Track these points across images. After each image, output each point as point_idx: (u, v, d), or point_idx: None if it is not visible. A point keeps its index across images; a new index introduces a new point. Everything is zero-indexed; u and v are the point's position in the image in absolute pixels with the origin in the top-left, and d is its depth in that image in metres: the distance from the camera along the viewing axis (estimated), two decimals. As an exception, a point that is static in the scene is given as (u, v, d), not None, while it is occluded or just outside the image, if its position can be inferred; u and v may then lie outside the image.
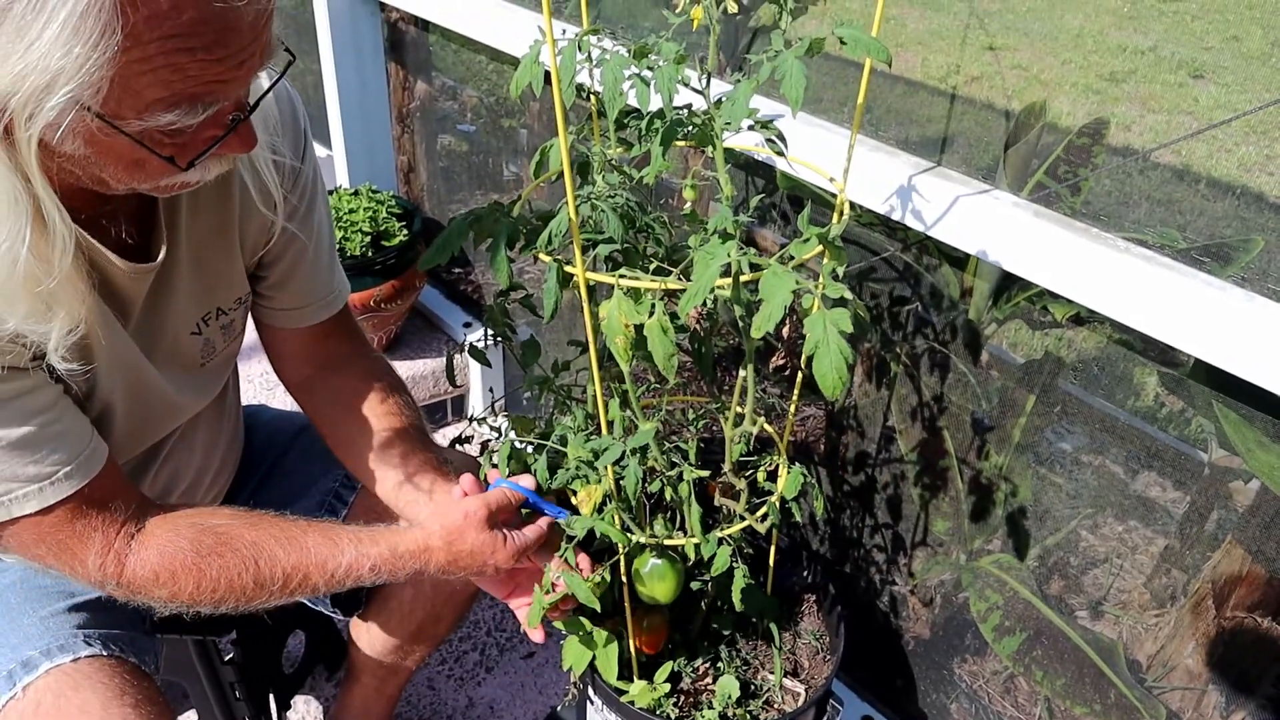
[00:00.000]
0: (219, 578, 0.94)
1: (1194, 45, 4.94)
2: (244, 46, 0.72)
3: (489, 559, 1.03)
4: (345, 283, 1.21)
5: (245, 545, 0.96)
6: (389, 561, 1.01)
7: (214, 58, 0.70)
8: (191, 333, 1.04)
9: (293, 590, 0.98)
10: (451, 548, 1.02)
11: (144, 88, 0.69)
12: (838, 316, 0.70)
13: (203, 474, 1.18)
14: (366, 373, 1.17)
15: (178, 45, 0.67)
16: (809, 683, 1.31)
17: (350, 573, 0.99)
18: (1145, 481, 1.27)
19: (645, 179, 0.97)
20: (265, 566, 0.96)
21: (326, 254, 1.15)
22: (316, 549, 0.98)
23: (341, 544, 1.00)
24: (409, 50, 2.24)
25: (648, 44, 0.85)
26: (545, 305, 0.87)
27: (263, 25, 0.73)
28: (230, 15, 0.69)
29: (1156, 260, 1.01)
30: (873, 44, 0.79)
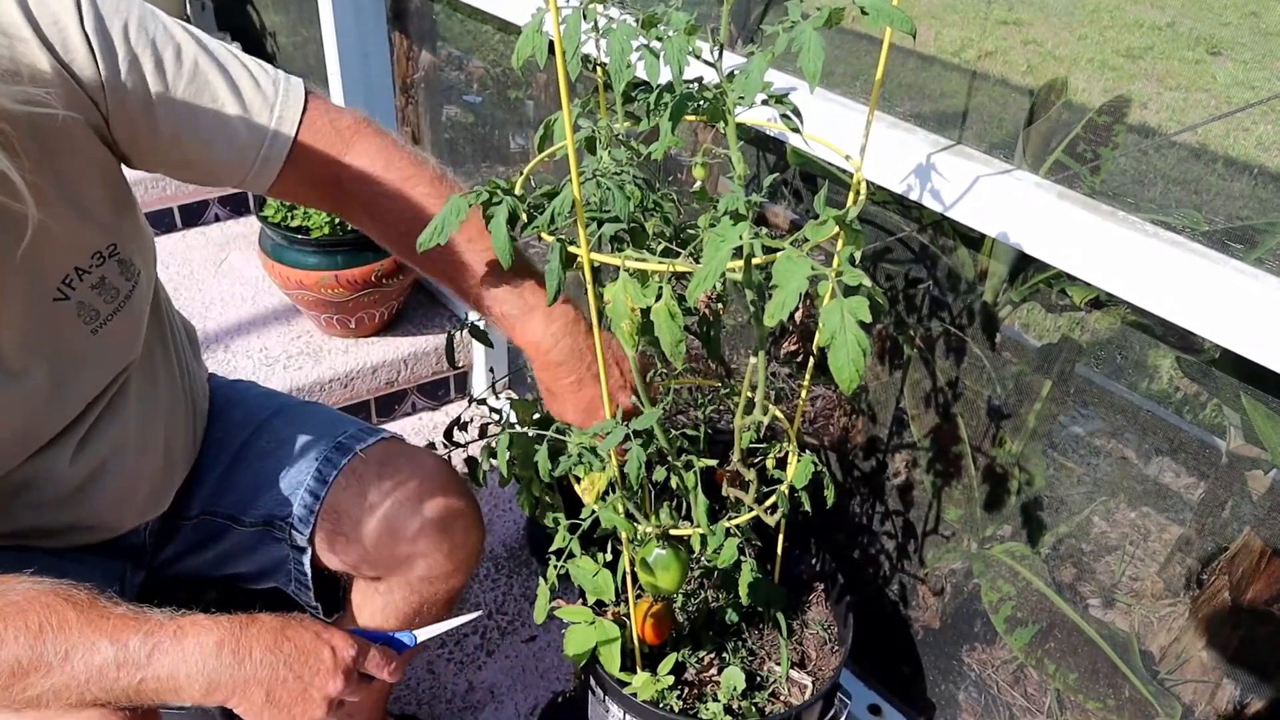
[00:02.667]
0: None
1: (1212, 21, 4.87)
2: None
3: (314, 678, 0.91)
4: (283, 104, 1.00)
5: (35, 608, 0.84)
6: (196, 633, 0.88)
7: None
8: (55, 299, 0.93)
9: (76, 668, 0.84)
10: (283, 628, 0.91)
11: None
12: (855, 305, 0.66)
13: (146, 445, 1.10)
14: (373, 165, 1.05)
15: None
16: (816, 674, 1.28)
17: (148, 654, 0.85)
18: (1159, 468, 1.24)
19: (653, 155, 0.93)
20: (50, 636, 0.83)
21: (231, 117, 0.97)
22: (118, 619, 0.86)
23: (143, 622, 0.87)
24: (413, 19, 2.19)
25: (656, 13, 0.81)
26: (548, 287, 0.83)
27: None
28: None
29: (1185, 245, 0.97)
30: (896, 14, 0.75)
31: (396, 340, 2.19)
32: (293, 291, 2.08)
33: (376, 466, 1.17)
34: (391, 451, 1.19)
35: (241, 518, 1.19)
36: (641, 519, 1.08)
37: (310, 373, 2.07)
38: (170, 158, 0.98)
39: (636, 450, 0.92)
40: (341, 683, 0.92)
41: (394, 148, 1.07)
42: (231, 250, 2.55)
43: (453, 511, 1.17)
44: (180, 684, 0.87)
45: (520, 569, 1.90)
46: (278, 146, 1.00)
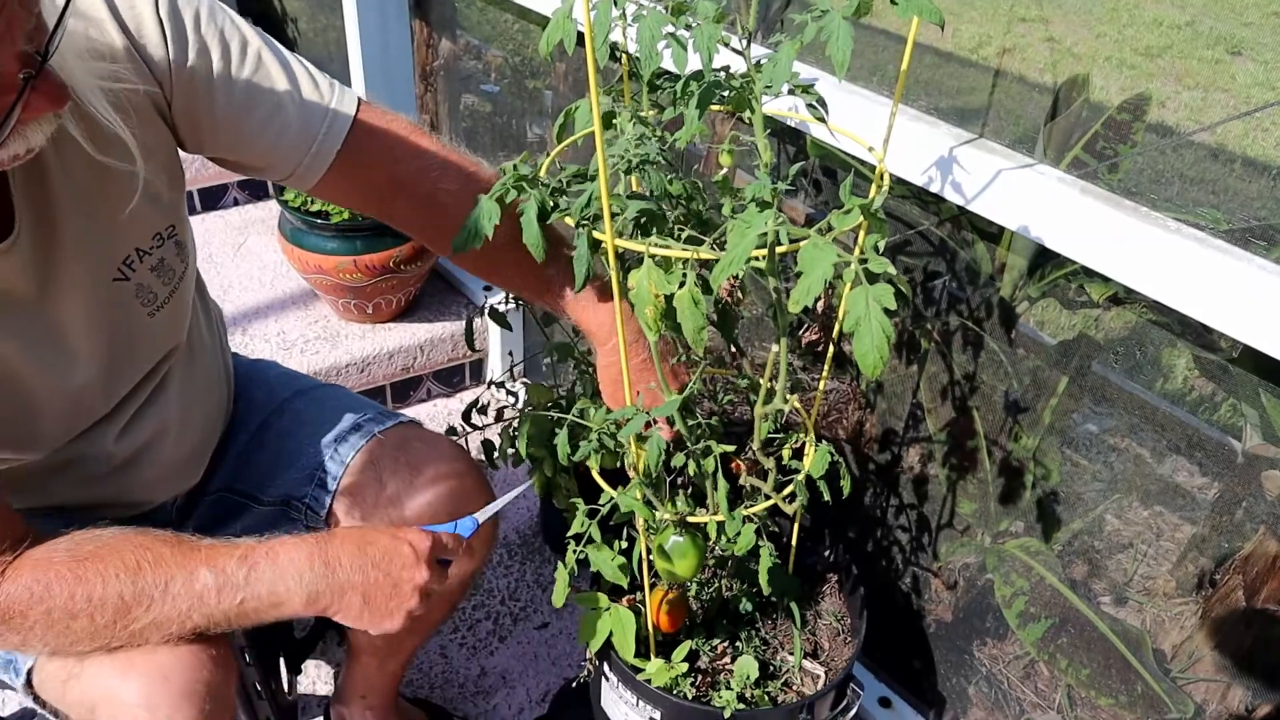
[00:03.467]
0: (95, 581, 0.86)
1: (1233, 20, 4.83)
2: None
3: (402, 572, 0.95)
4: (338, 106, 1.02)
5: (129, 547, 0.88)
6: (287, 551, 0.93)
7: None
8: (115, 280, 0.96)
9: (177, 597, 0.88)
10: (363, 535, 0.96)
11: None
12: (880, 292, 0.66)
13: (184, 429, 1.12)
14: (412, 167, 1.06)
15: None
16: (829, 665, 1.29)
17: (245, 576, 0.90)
18: (1173, 467, 1.24)
19: (677, 142, 0.93)
20: (149, 571, 0.87)
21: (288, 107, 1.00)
22: (209, 549, 0.91)
23: (235, 548, 0.92)
24: (434, 7, 2.19)
25: (685, 2, 0.81)
26: (576, 273, 0.83)
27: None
28: None
29: (1208, 241, 0.97)
30: (925, 4, 0.75)
31: (413, 326, 2.19)
32: (311, 276, 2.09)
33: (393, 450, 1.18)
34: (409, 436, 1.21)
35: (260, 496, 1.21)
36: (660, 505, 1.08)
37: (327, 357, 2.08)
38: (225, 144, 1.00)
39: (657, 437, 0.93)
40: (426, 572, 0.96)
41: (445, 150, 1.08)
42: (250, 234, 2.56)
43: (468, 496, 1.18)
44: (281, 599, 0.91)
45: (533, 556, 1.91)
46: (330, 141, 1.01)
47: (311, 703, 1.61)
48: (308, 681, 1.64)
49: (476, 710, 1.62)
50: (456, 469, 1.18)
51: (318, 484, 1.18)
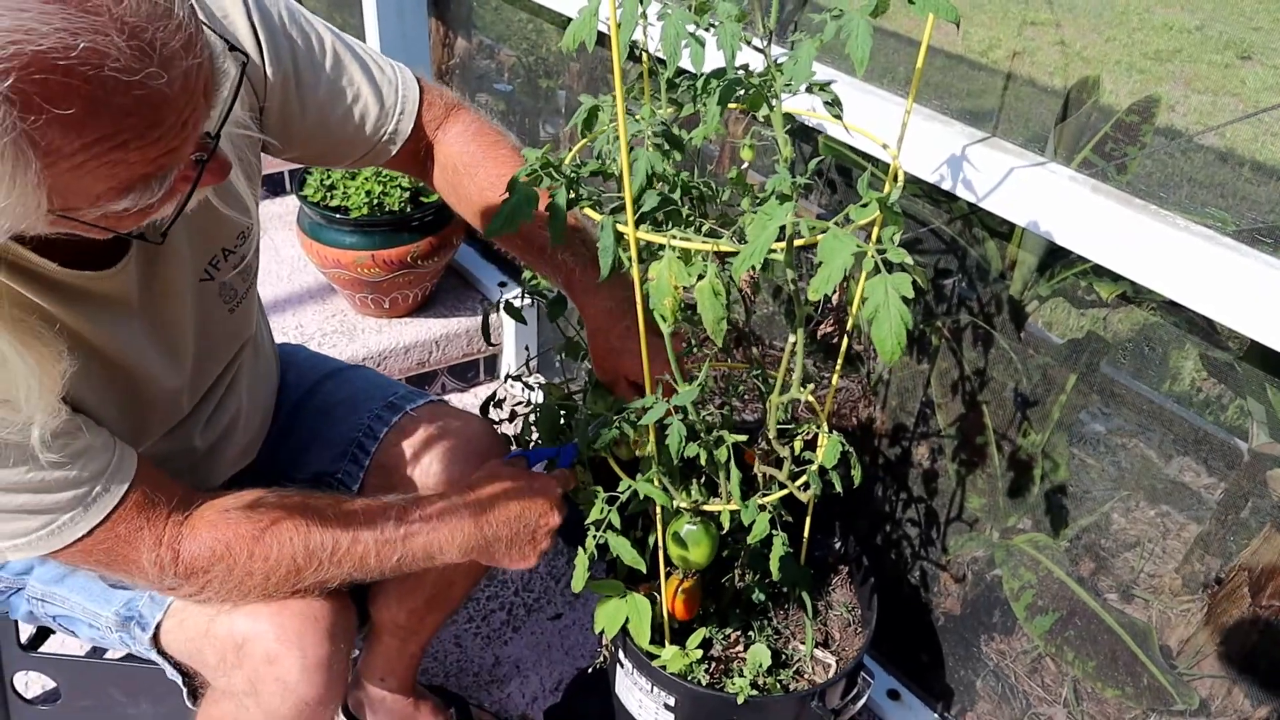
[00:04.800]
0: (271, 544, 0.93)
1: (1243, 25, 4.83)
2: (181, 112, 0.65)
3: (539, 520, 1.05)
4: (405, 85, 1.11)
5: (298, 511, 0.95)
6: (437, 512, 1.00)
7: (152, 139, 0.64)
8: (202, 279, 1.01)
9: (342, 559, 0.96)
10: (505, 489, 1.04)
11: (87, 186, 0.64)
12: (898, 281, 0.69)
13: (250, 415, 1.18)
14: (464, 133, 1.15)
15: (108, 146, 0.62)
16: (840, 654, 1.31)
17: (403, 536, 0.98)
18: (1180, 467, 1.25)
19: (694, 140, 0.96)
20: (318, 534, 0.95)
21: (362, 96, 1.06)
22: (365, 512, 0.98)
23: (389, 509, 0.99)
24: (450, 6, 2.22)
25: (708, 1, 0.84)
26: (601, 264, 0.86)
27: (196, 81, 0.65)
28: (155, 96, 0.62)
29: (1216, 239, 0.99)
30: (941, 3, 0.77)
31: (429, 321, 2.22)
32: (329, 270, 2.12)
33: (426, 425, 1.22)
34: (440, 411, 1.25)
35: (292, 473, 1.24)
36: (676, 494, 1.11)
37: (344, 351, 2.11)
38: (312, 142, 1.06)
39: (678, 425, 0.95)
40: (558, 516, 1.08)
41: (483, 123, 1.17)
42: (269, 229, 2.59)
43: None
44: (435, 555, 1.01)
45: (546, 549, 1.94)
46: (404, 122, 1.10)
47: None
48: (325, 669, 1.67)
49: (491, 698, 1.65)
50: (487, 442, 1.22)
51: (351, 459, 1.22)
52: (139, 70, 0.60)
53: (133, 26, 0.59)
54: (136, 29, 0.60)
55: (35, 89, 0.57)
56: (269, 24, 0.96)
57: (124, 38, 0.59)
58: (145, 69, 0.60)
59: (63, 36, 0.57)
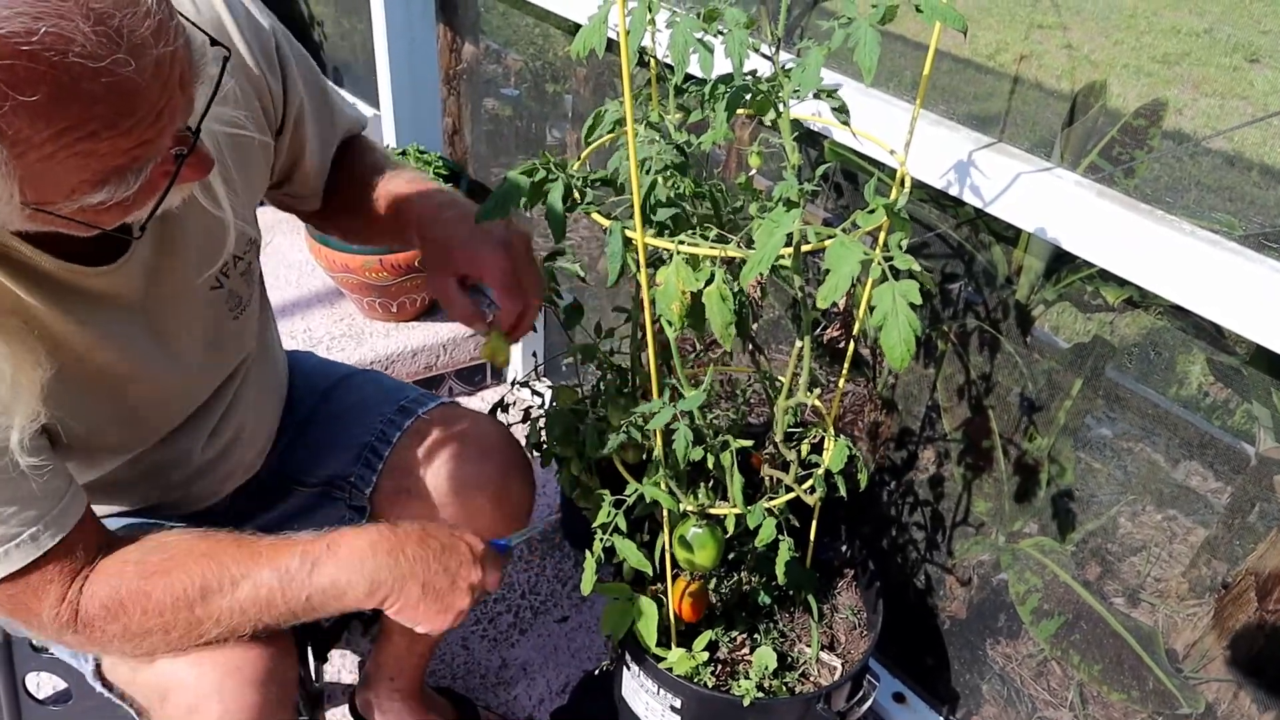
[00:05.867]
0: (164, 597, 0.88)
1: (1251, 28, 4.82)
2: (154, 103, 0.63)
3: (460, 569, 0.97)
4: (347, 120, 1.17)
5: (195, 558, 0.90)
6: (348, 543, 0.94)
7: (124, 129, 0.62)
8: (213, 288, 1.01)
9: (245, 605, 0.90)
10: (423, 530, 0.97)
11: (60, 177, 0.63)
12: (906, 288, 0.69)
13: (256, 428, 1.18)
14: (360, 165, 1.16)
15: (77, 135, 0.60)
16: (846, 657, 1.32)
17: (309, 570, 0.91)
18: (1187, 471, 1.25)
19: (702, 145, 0.97)
20: (214, 580, 0.89)
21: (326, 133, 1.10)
22: (270, 550, 0.92)
23: (295, 544, 0.93)
24: (458, 12, 2.23)
25: (716, 8, 0.84)
26: (610, 269, 0.86)
27: (169, 70, 0.64)
28: (125, 83, 0.60)
29: (1222, 244, 0.99)
30: (948, 11, 0.78)
31: (436, 326, 2.23)
32: (337, 274, 2.13)
33: (439, 427, 1.22)
34: (452, 414, 1.25)
35: (305, 479, 1.25)
36: (683, 497, 1.11)
37: (352, 355, 2.12)
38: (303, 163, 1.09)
39: (684, 430, 0.96)
40: (480, 571, 0.98)
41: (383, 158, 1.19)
42: (277, 233, 2.60)
43: (511, 467, 1.23)
44: (344, 589, 0.92)
45: (553, 552, 1.94)
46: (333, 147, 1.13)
47: (336, 691, 1.64)
48: (333, 670, 1.68)
49: (497, 700, 1.65)
50: (499, 443, 1.23)
51: (364, 463, 1.22)
52: (105, 56, 0.59)
53: (98, 12, 0.59)
54: (102, 14, 0.59)
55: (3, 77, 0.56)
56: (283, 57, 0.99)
57: (89, 23, 0.58)
58: (112, 55, 0.59)
59: (25, 21, 0.56)
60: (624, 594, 1.19)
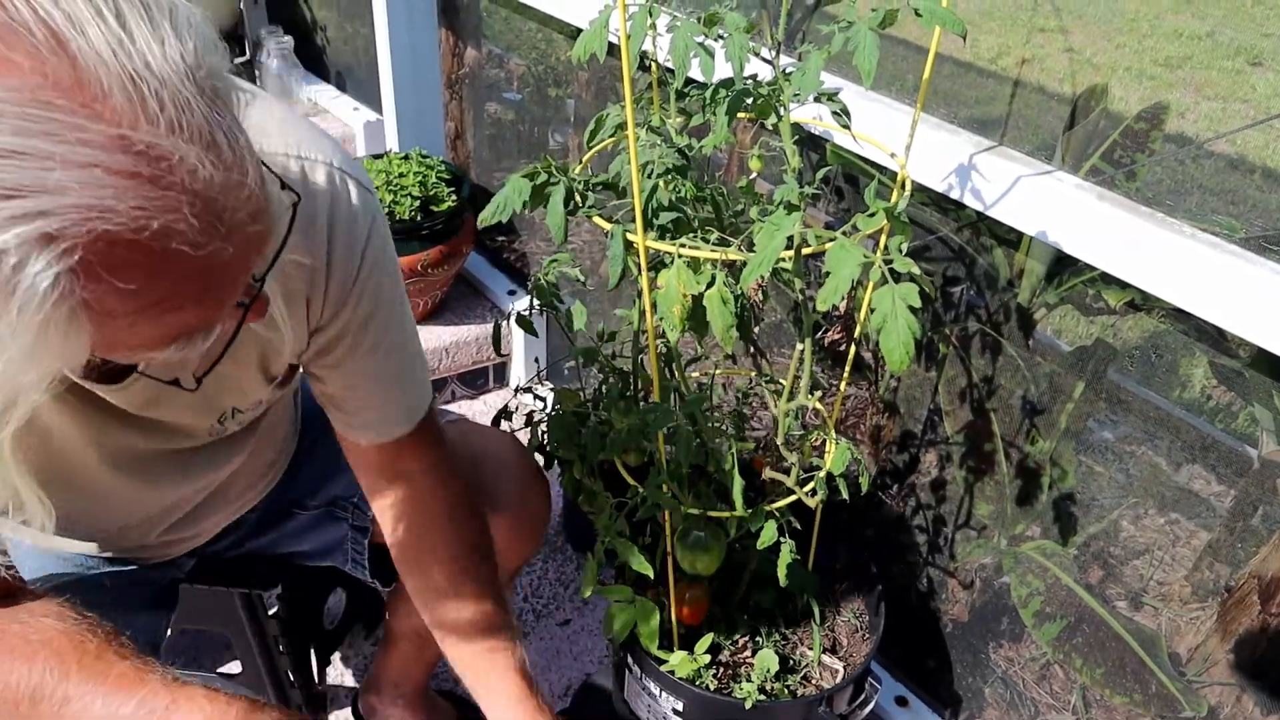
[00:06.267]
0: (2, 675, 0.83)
1: (1253, 31, 4.82)
2: (239, 274, 0.62)
3: None
4: (422, 398, 1.03)
5: (48, 650, 0.84)
6: None
7: (208, 304, 0.61)
8: (208, 431, 0.98)
9: None
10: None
11: (134, 339, 0.61)
12: (906, 291, 0.69)
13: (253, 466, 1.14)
14: (435, 492, 1.07)
15: (162, 309, 0.59)
16: (848, 660, 1.32)
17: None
18: (1189, 475, 1.26)
19: (704, 149, 0.97)
20: (52, 681, 0.82)
21: (393, 376, 1.00)
22: (118, 679, 0.84)
23: (142, 686, 0.84)
24: (460, 16, 2.23)
25: (717, 13, 0.85)
26: (611, 272, 0.87)
27: (258, 243, 0.62)
28: (217, 263, 0.59)
29: (1222, 247, 1.00)
30: (948, 15, 0.78)
31: (439, 329, 2.23)
32: (340, 279, 2.13)
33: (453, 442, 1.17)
34: (462, 429, 1.24)
35: (306, 502, 1.23)
36: (685, 500, 1.11)
37: (354, 359, 2.12)
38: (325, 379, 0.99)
39: (687, 433, 0.96)
40: None
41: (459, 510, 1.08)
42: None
43: (527, 482, 1.22)
44: None
45: (555, 555, 1.94)
46: (393, 432, 1.01)
47: (339, 693, 1.64)
48: (335, 673, 1.68)
49: (500, 704, 1.65)
50: (512, 458, 1.22)
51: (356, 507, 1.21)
52: (206, 245, 0.58)
53: (206, 200, 0.57)
54: (210, 202, 0.57)
55: (100, 261, 0.54)
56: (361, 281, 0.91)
57: (195, 210, 0.56)
58: (212, 243, 0.58)
59: (138, 216, 0.54)
60: (626, 597, 1.19)
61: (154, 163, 0.54)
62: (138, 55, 0.54)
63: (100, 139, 0.52)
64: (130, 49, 0.54)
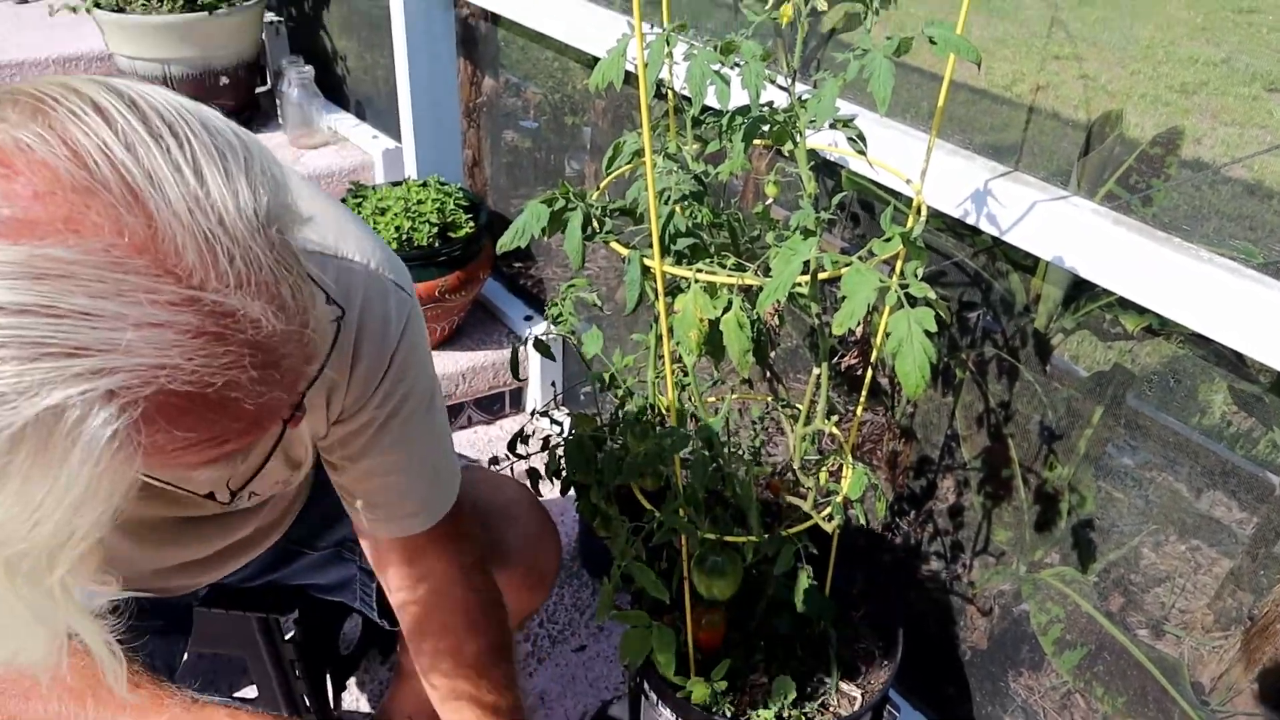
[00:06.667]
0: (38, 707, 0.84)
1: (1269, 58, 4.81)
2: (283, 410, 0.62)
3: None
4: (444, 498, 1.01)
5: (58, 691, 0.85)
6: None
7: (254, 434, 0.61)
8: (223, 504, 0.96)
9: None
10: None
11: (173, 465, 0.61)
12: (921, 315, 0.70)
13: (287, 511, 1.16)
14: (454, 592, 1.04)
15: (210, 444, 0.59)
16: (865, 687, 1.31)
17: None
18: (1211, 501, 1.24)
19: (720, 175, 0.98)
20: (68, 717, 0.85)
21: (415, 473, 0.98)
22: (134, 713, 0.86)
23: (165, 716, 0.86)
24: (478, 46, 2.26)
25: (733, 41, 0.86)
26: (628, 298, 0.87)
27: (302, 379, 0.62)
28: (269, 405, 0.59)
29: (1240, 271, 0.99)
30: (962, 43, 0.79)
31: (456, 354, 2.25)
32: (358, 305, 2.14)
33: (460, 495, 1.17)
34: (473, 479, 1.18)
35: (315, 543, 1.23)
36: (702, 524, 1.11)
37: (372, 384, 2.13)
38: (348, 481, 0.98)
39: (703, 457, 0.96)
40: None
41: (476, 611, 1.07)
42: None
43: (534, 534, 1.19)
44: None
45: (571, 580, 1.94)
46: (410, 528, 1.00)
47: (354, 719, 1.64)
48: (351, 698, 1.67)
49: (515, 731, 1.65)
50: (522, 509, 1.19)
51: None
52: (265, 394, 0.58)
53: (267, 351, 0.57)
54: (270, 353, 0.57)
55: (160, 412, 0.54)
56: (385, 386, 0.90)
57: (257, 364, 0.56)
58: (271, 391, 0.58)
59: (200, 374, 0.54)
60: (642, 622, 1.18)
61: (220, 319, 0.54)
62: (213, 212, 0.53)
63: (172, 299, 0.52)
64: (206, 206, 0.53)
